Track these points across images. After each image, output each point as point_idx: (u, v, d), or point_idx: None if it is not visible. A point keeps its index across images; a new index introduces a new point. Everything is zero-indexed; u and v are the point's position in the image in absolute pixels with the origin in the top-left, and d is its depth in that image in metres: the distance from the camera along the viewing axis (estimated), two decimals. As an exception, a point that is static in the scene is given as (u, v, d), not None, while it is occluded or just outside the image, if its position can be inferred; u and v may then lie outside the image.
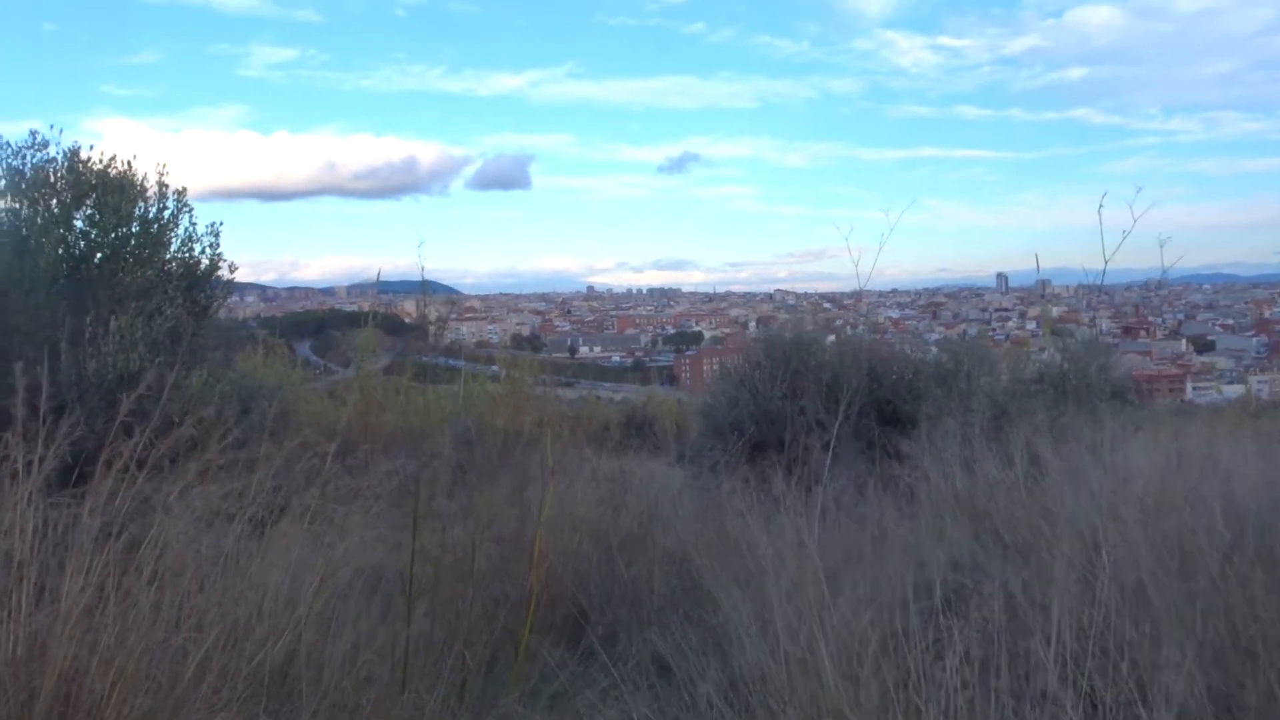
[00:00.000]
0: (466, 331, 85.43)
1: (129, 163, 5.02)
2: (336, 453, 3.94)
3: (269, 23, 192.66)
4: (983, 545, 3.89)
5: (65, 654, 2.13)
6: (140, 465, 2.63)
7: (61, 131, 4.89)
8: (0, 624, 2.18)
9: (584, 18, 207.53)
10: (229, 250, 5.59)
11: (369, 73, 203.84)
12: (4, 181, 4.73)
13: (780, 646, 2.84)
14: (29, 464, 2.49)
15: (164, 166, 5.14)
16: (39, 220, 4.70)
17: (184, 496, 2.66)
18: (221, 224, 5.52)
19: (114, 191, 4.80)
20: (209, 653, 2.34)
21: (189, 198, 5.21)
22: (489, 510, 3.64)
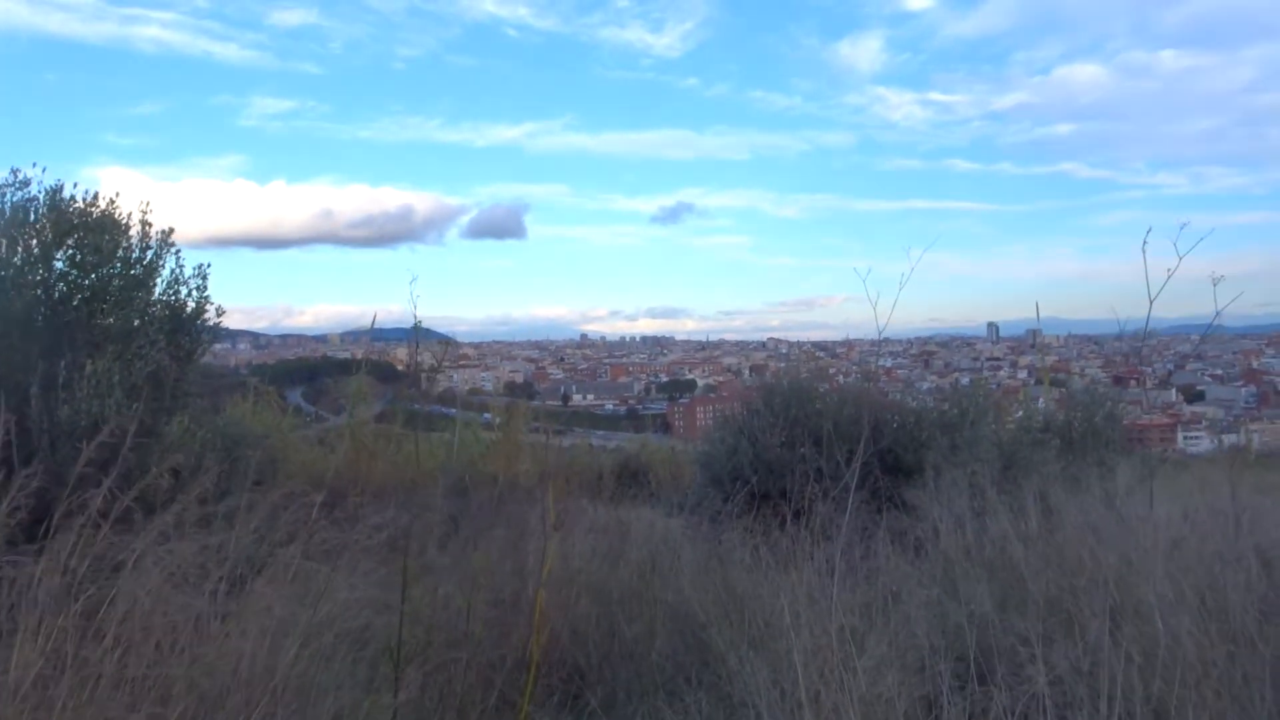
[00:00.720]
0: (460, 379, 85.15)
1: (112, 201, 4.87)
2: (324, 503, 3.74)
3: (269, 75, 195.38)
4: (1004, 603, 3.68)
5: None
6: (105, 517, 2.42)
7: (45, 170, 4.75)
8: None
9: (581, 71, 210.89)
10: (223, 297, 5.42)
11: (367, 124, 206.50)
12: (-17, 220, 4.58)
13: (802, 714, 2.62)
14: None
15: (147, 205, 4.98)
16: (16, 260, 4.53)
17: (154, 552, 2.45)
18: (209, 266, 5.35)
19: (95, 231, 4.63)
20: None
21: (184, 244, 5.06)
22: (485, 568, 3.42)
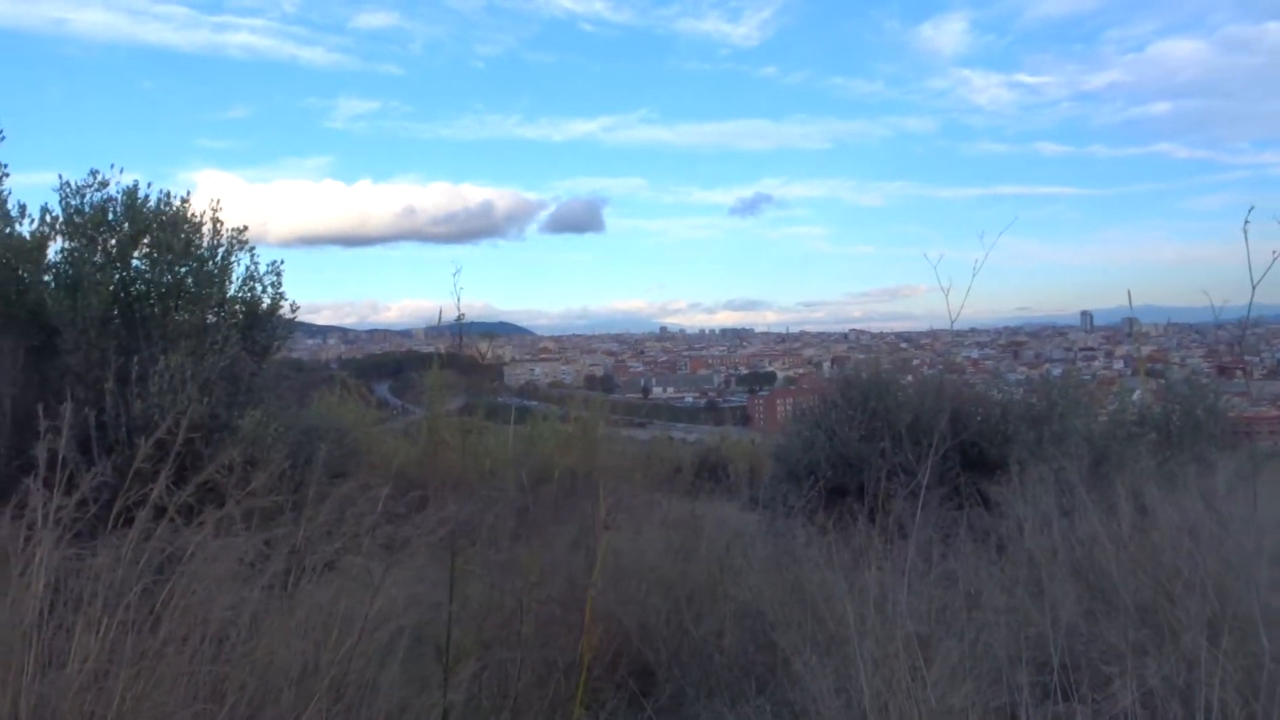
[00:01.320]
0: (540, 372, 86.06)
1: (184, 199, 4.97)
2: (397, 495, 3.74)
3: (354, 76, 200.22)
4: (1092, 609, 3.47)
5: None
6: (173, 511, 2.43)
7: (122, 170, 4.88)
8: (6, 687, 1.99)
9: (657, 64, 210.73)
10: (312, 294, 5.55)
11: (448, 122, 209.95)
12: (63, 220, 4.71)
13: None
14: (56, 512, 2.32)
15: (217, 203, 5.08)
16: (97, 259, 4.66)
17: (208, 546, 2.46)
18: (283, 263, 5.43)
19: (169, 229, 4.74)
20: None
21: (275, 243, 5.17)
22: (539, 567, 3.37)
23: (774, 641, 3.87)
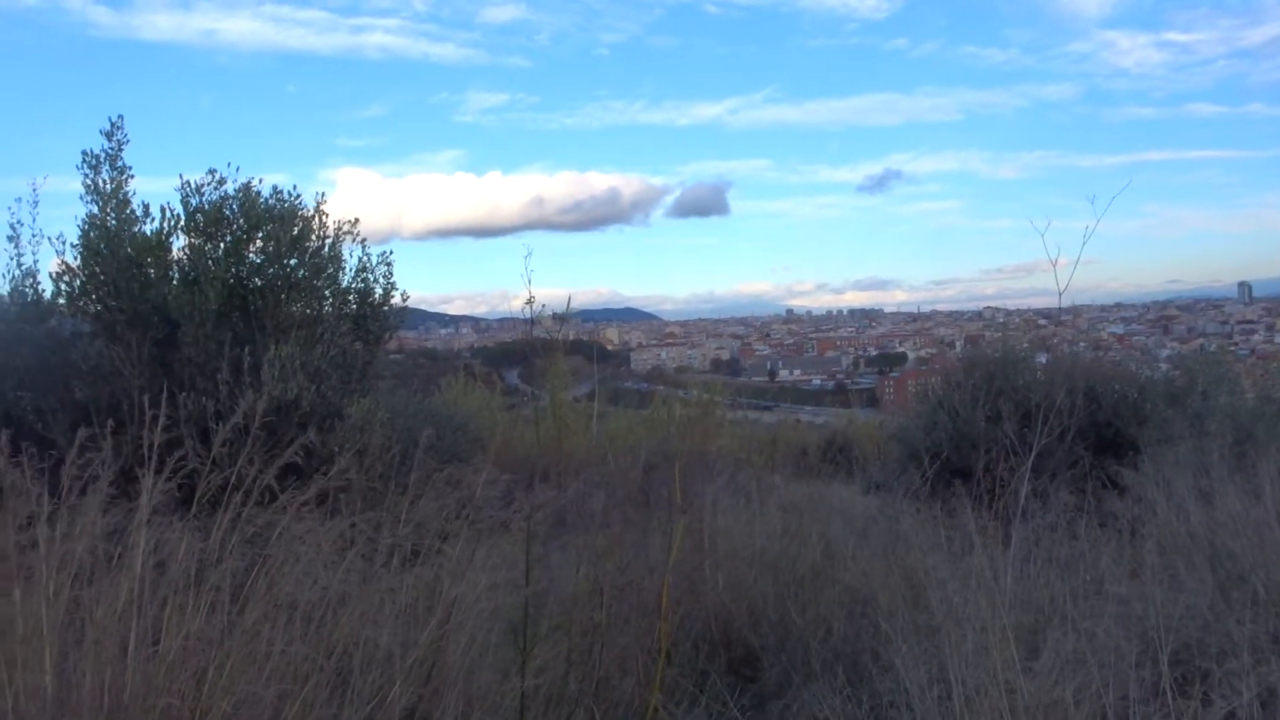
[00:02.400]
0: (666, 357, 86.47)
1: (293, 193, 5.17)
2: (516, 479, 3.79)
3: (482, 70, 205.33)
4: (1226, 599, 3.21)
5: (156, 703, 2.01)
6: (259, 495, 2.53)
7: (238, 169, 5.11)
8: (111, 664, 2.11)
9: (782, 41, 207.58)
10: (447, 286, 5.72)
11: (574, 111, 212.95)
12: (184, 218, 4.98)
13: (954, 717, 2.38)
14: (161, 494, 2.44)
15: (323, 195, 5.26)
16: (219, 253, 4.90)
17: (298, 528, 2.54)
18: (392, 253, 5.60)
19: (281, 223, 4.94)
20: (306, 707, 2.18)
21: (410, 236, 5.38)
22: (623, 551, 3.35)
23: (881, 632, 3.75)
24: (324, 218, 5.20)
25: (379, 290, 5.50)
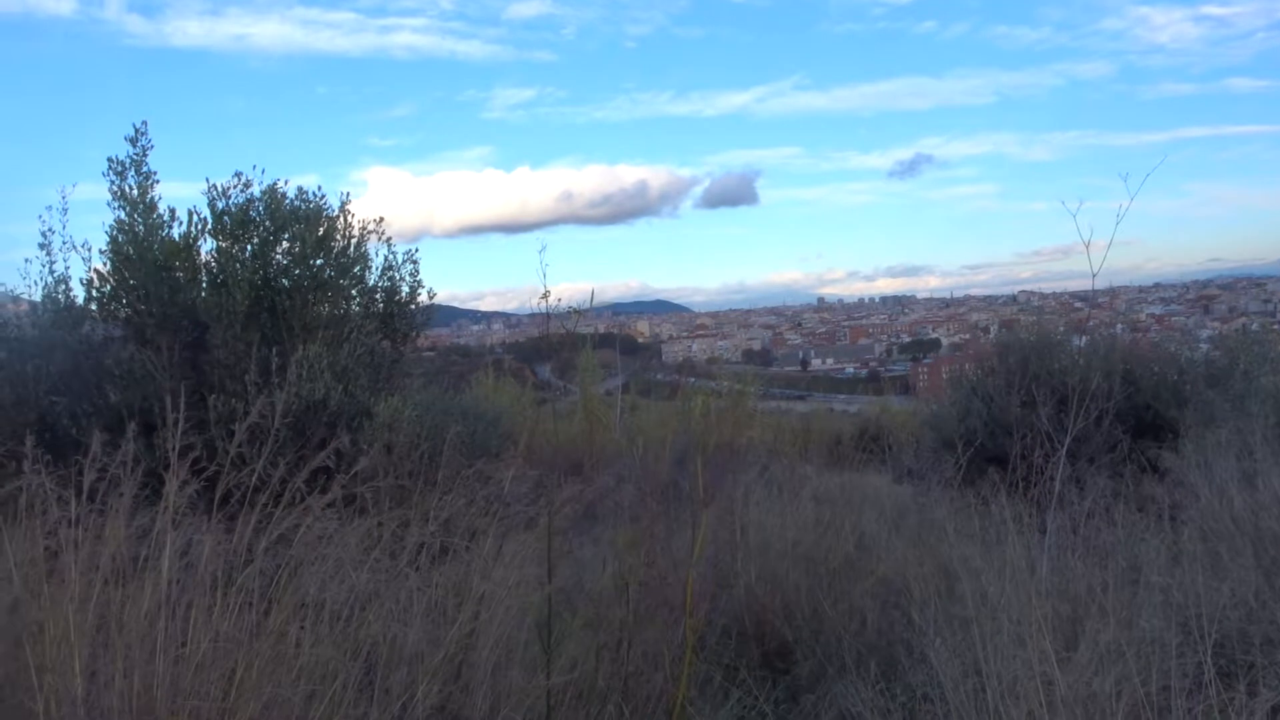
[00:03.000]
0: (697, 348, 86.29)
1: (318, 194, 5.19)
2: (548, 473, 3.78)
3: (509, 66, 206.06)
4: (1271, 586, 3.12)
5: (184, 705, 2.02)
6: (280, 496, 2.53)
7: (264, 171, 5.14)
8: (139, 666, 2.12)
9: (809, 28, 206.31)
10: (478, 283, 5.72)
11: (601, 104, 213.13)
12: (211, 222, 5.01)
13: (988, 711, 2.33)
14: (187, 496, 2.45)
15: (348, 195, 5.28)
16: (246, 255, 4.94)
17: (320, 527, 2.54)
18: (418, 251, 5.61)
19: (307, 224, 4.96)
20: (334, 706, 2.18)
21: (440, 234, 5.41)
22: (647, 547, 3.32)
23: (912, 619, 3.70)
24: (349, 217, 5.23)
25: (406, 288, 5.53)
